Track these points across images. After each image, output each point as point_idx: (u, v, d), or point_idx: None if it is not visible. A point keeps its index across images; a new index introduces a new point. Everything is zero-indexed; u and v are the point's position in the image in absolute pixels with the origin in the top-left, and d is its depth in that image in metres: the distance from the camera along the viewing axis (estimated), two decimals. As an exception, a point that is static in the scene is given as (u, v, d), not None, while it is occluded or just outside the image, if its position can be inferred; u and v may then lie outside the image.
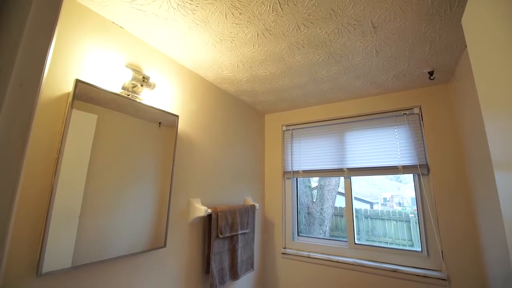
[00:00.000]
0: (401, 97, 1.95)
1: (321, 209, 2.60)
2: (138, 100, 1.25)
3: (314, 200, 2.70)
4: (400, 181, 2.55)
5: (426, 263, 1.70)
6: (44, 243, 0.86)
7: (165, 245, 1.29)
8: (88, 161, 1.03)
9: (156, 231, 1.27)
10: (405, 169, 1.85)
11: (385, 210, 2.29)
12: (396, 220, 2.19)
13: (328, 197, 2.70)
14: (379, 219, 2.25)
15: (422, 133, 1.85)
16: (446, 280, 1.58)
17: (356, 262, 1.86)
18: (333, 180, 2.72)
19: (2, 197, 0.42)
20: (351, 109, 2.14)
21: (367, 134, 2.06)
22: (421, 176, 1.80)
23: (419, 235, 1.79)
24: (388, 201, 2.46)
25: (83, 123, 1.02)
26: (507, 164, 0.90)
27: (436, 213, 1.70)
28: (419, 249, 1.78)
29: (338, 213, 2.55)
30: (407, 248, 1.86)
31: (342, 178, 2.16)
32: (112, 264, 1.11)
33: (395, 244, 2.09)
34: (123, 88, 1.21)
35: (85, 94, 1.03)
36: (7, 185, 0.42)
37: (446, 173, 1.71)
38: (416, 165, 1.81)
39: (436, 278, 1.61)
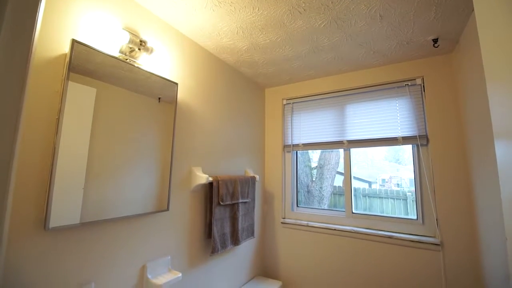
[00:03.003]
0: (404, 68, 1.92)
1: (320, 187, 2.64)
2: (136, 65, 1.23)
3: (314, 179, 2.74)
4: (399, 163, 2.57)
5: (421, 230, 1.76)
6: (50, 199, 0.88)
7: (168, 209, 1.33)
8: (90, 129, 1.03)
9: (159, 196, 1.31)
10: (404, 140, 1.86)
11: (383, 189, 2.32)
12: (394, 199, 2.23)
13: (327, 176, 2.72)
14: (377, 197, 2.29)
15: (423, 104, 1.83)
16: (439, 245, 1.65)
17: (353, 230, 1.93)
18: (332, 159, 2.74)
19: (3, 128, 0.43)
20: (352, 81, 2.11)
21: (368, 106, 2.04)
22: (420, 147, 1.81)
23: (415, 204, 1.83)
24: (387, 182, 2.48)
25: (82, 95, 1.02)
26: (507, 132, 0.90)
27: (433, 182, 1.73)
28: (414, 217, 1.83)
29: (337, 191, 2.58)
30: (403, 216, 1.91)
31: (341, 160, 2.18)
32: (119, 223, 1.15)
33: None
34: (121, 52, 1.19)
35: (82, 66, 1.01)
36: (8, 116, 0.43)
37: (445, 143, 1.72)
38: (416, 136, 1.82)
39: (430, 244, 1.67)
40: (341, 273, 1.95)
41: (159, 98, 1.35)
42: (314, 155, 2.71)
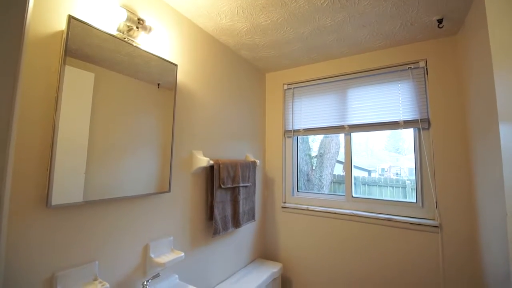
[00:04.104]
0: (407, 50, 1.88)
1: (320, 176, 2.65)
2: (134, 44, 1.20)
3: (314, 168, 2.75)
4: (399, 152, 2.57)
5: (420, 213, 1.78)
6: (51, 175, 0.89)
7: (169, 190, 1.34)
8: (90, 113, 1.02)
9: (161, 178, 1.32)
10: (406, 124, 1.85)
11: (382, 178, 2.34)
12: (393, 187, 2.25)
13: (327, 164, 2.74)
14: (376, 185, 2.31)
15: (426, 87, 1.81)
16: (438, 227, 1.67)
17: (353, 213, 1.95)
18: (332, 148, 2.74)
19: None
20: (354, 65, 2.08)
21: (370, 90, 2.02)
22: (421, 131, 1.81)
23: (414, 192, 1.85)
24: (386, 171, 2.50)
25: (80, 79, 1.00)
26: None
27: (434, 166, 1.73)
28: (414, 198, 1.85)
29: (336, 180, 2.60)
30: (402, 199, 1.93)
31: (342, 150, 2.18)
32: (122, 202, 1.17)
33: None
34: (118, 30, 1.17)
35: (79, 50, 0.98)
36: (3, 91, 0.42)
37: (447, 127, 1.71)
38: (417, 119, 1.81)
39: (429, 226, 1.69)
40: (340, 255, 1.99)
41: (158, 84, 1.34)
42: (314, 144, 2.71)
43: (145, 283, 1.16)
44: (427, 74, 1.81)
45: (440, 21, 1.57)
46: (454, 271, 1.61)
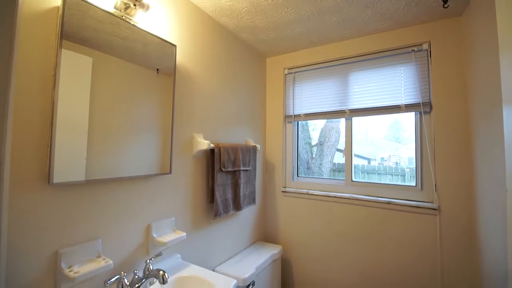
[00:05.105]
0: (411, 32, 1.84)
1: (320, 164, 2.66)
2: (132, 23, 1.18)
3: (314, 156, 2.75)
4: (399, 142, 2.56)
5: (419, 196, 1.79)
6: (52, 154, 0.89)
7: (170, 172, 1.35)
8: (89, 97, 1.01)
9: (162, 160, 1.32)
10: (407, 108, 1.84)
11: (382, 166, 2.35)
12: (392, 175, 2.26)
13: (327, 153, 2.73)
14: (375, 173, 2.32)
15: (428, 70, 1.79)
16: (436, 209, 1.68)
17: (353, 197, 1.97)
18: (332, 136, 2.73)
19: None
20: (356, 48, 2.04)
21: (372, 74, 2.00)
22: (422, 114, 1.80)
23: (414, 180, 1.86)
24: (386, 160, 2.50)
25: (78, 64, 0.99)
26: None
27: (434, 149, 1.73)
28: (413, 184, 1.86)
29: (336, 168, 2.60)
30: (402, 183, 1.95)
31: (342, 139, 2.18)
32: (124, 182, 1.18)
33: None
34: (115, 8, 1.14)
35: (76, 33, 0.96)
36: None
37: (448, 110, 1.70)
38: (419, 103, 1.79)
39: (427, 208, 1.71)
40: (340, 238, 2.02)
41: (157, 69, 1.32)
42: (314, 133, 2.71)
43: (148, 261, 1.19)
44: (430, 57, 1.78)
45: (445, 0, 1.52)
46: (452, 253, 1.64)
